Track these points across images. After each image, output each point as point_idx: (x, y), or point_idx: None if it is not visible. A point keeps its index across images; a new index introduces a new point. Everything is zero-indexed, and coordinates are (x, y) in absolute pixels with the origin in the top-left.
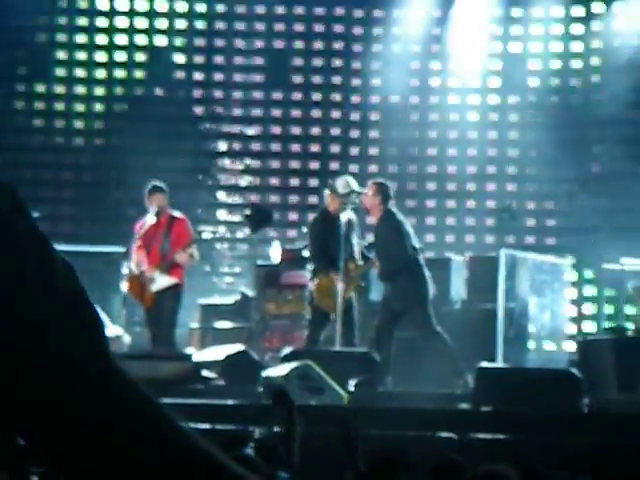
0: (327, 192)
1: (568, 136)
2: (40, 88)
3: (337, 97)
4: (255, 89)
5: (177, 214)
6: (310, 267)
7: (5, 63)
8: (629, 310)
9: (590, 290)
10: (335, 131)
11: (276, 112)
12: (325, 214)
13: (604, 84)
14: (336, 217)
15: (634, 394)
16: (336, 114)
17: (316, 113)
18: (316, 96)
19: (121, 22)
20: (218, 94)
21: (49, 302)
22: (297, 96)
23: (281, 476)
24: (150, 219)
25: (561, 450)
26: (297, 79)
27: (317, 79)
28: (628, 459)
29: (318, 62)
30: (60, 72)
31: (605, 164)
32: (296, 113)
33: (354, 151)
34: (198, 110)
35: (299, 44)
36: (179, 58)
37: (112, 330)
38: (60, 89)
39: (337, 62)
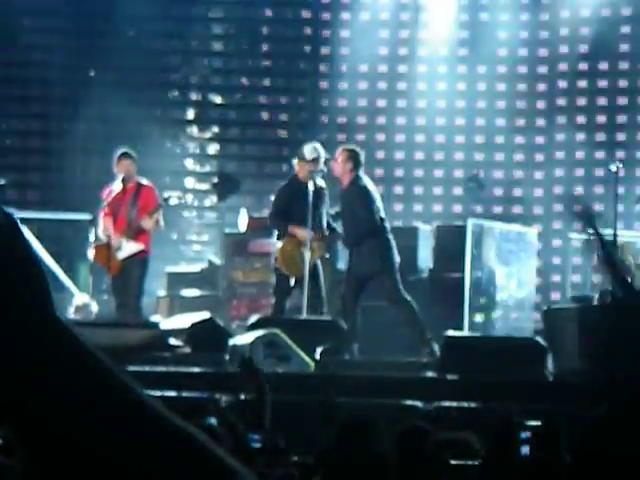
0: (296, 160)
1: (535, 105)
2: (4, 55)
3: (306, 66)
4: (225, 57)
5: (144, 181)
6: (275, 232)
7: None
8: (595, 279)
9: (556, 259)
10: (303, 99)
11: (245, 80)
12: (293, 181)
13: (572, 54)
14: (304, 185)
15: (595, 363)
16: (305, 83)
17: (283, 82)
18: (284, 65)
19: None
20: (189, 62)
21: None
22: (266, 64)
23: (252, 438)
24: (117, 186)
25: (525, 418)
26: (266, 47)
27: (286, 47)
28: (588, 428)
29: (287, 31)
30: (27, 39)
31: (570, 133)
32: (265, 82)
33: (323, 119)
34: (167, 78)
35: (268, 12)
36: (147, 25)
37: (79, 298)
38: (29, 56)
39: (307, 30)
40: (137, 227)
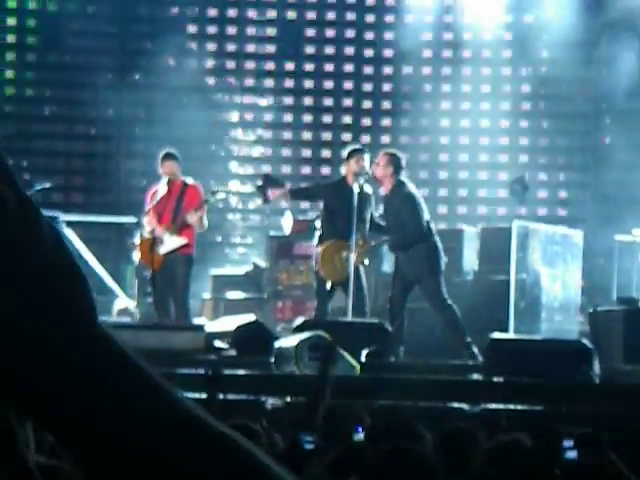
0: (343, 163)
1: (579, 108)
2: (51, 58)
3: (349, 68)
4: (267, 60)
5: (190, 181)
6: (317, 234)
7: (16, 32)
8: None
9: (601, 261)
10: (347, 102)
11: (289, 83)
12: (340, 183)
13: (614, 56)
14: (349, 187)
15: None
16: (348, 85)
17: (328, 84)
18: (328, 67)
19: None
20: (231, 64)
21: (34, 272)
22: (309, 67)
23: (304, 439)
24: (162, 189)
25: (572, 420)
26: (309, 49)
27: (329, 50)
28: (635, 429)
29: (330, 33)
30: (72, 42)
31: (617, 135)
32: (309, 84)
33: (366, 122)
34: (211, 81)
35: (311, 14)
36: (191, 28)
37: (121, 302)
38: (75, 59)
39: (350, 33)
40: (182, 223)
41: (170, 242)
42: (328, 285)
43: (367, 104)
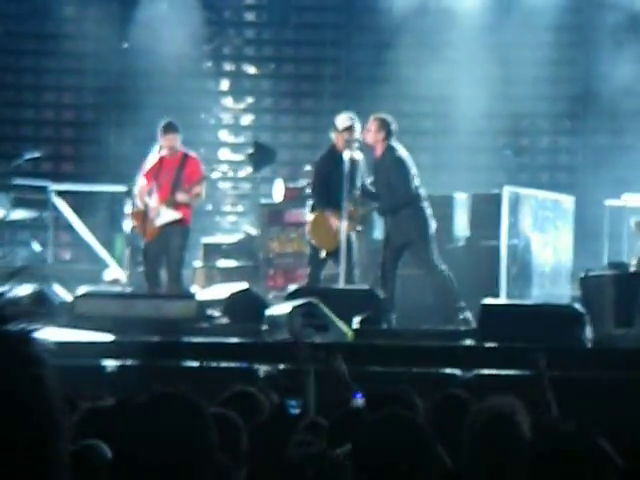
0: (333, 131)
1: (567, 73)
2: (45, 28)
3: (340, 35)
4: (258, 28)
5: (191, 153)
6: (310, 203)
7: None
8: (631, 246)
9: (592, 226)
10: (334, 70)
11: (276, 52)
12: (331, 151)
13: (602, 18)
14: (340, 155)
15: (631, 329)
16: (336, 52)
17: (312, 52)
18: (317, 35)
19: None
20: (221, 33)
21: None
22: (299, 36)
23: (290, 404)
24: (166, 155)
25: (564, 384)
26: (296, 18)
27: (314, 17)
28: (628, 392)
29: (319, 0)
30: (59, 12)
31: (605, 101)
32: (295, 52)
33: (354, 89)
34: (201, 49)
35: None
36: None
37: (110, 273)
38: (62, 28)
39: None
40: (180, 197)
41: (166, 215)
42: (323, 254)
43: (356, 72)
